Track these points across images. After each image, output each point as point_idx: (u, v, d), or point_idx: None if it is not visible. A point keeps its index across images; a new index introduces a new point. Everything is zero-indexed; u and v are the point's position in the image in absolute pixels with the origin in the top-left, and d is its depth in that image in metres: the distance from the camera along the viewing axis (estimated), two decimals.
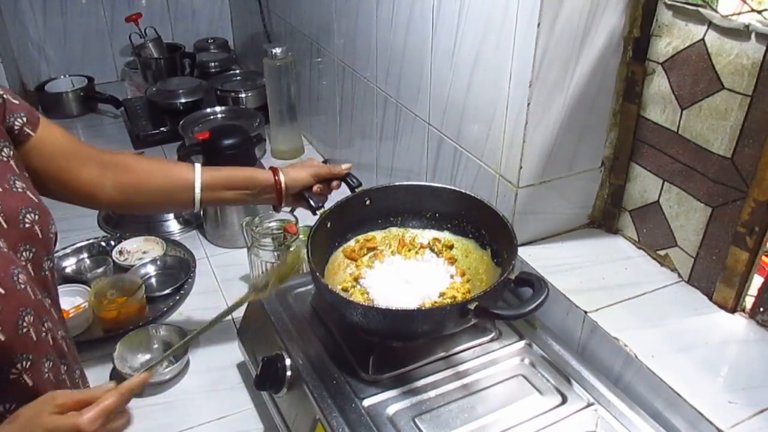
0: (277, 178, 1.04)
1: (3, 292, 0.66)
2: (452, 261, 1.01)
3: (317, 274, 0.90)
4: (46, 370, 0.72)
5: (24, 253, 0.73)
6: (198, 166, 1.01)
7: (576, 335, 0.95)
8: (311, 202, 1.06)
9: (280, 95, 1.77)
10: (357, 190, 1.05)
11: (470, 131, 1.10)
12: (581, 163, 1.04)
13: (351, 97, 1.57)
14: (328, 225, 0.99)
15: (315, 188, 1.08)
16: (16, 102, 0.82)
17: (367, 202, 1.05)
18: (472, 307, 0.80)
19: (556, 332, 0.96)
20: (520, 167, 0.99)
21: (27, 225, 0.73)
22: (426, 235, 1.06)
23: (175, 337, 1.16)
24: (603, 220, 1.10)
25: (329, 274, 0.99)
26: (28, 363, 0.69)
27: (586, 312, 0.92)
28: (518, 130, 0.97)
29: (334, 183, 1.09)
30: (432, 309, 0.81)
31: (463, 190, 1.02)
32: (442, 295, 0.95)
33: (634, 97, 0.98)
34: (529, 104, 0.93)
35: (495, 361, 0.91)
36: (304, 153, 1.91)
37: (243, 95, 2.03)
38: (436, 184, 1.05)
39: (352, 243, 1.05)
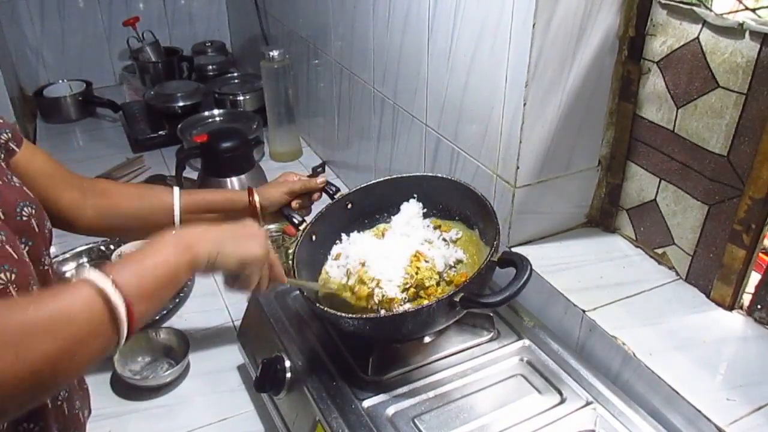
0: (251, 198, 1.05)
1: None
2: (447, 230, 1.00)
3: (304, 293, 0.90)
4: None
5: (22, 246, 0.73)
6: (177, 189, 1.02)
7: (574, 334, 0.95)
8: (293, 220, 1.07)
9: (278, 98, 1.77)
10: (336, 197, 1.05)
11: (467, 132, 1.10)
12: (578, 162, 1.04)
13: (348, 99, 1.57)
14: (313, 238, 0.99)
15: (294, 204, 1.09)
16: (1, 120, 0.84)
17: (349, 206, 1.05)
18: (458, 299, 0.80)
19: (554, 331, 0.96)
20: (517, 167, 0.99)
21: (24, 218, 0.74)
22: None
23: (176, 341, 1.16)
24: (600, 219, 1.11)
25: (323, 282, 0.99)
26: None
27: (584, 311, 0.92)
28: (515, 130, 0.97)
29: (315, 195, 1.11)
30: (419, 308, 0.81)
31: (441, 175, 1.02)
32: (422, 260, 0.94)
33: (630, 96, 0.98)
34: (525, 104, 0.94)
35: (494, 361, 0.91)
36: (302, 155, 1.91)
37: (241, 98, 2.03)
38: (413, 173, 1.05)
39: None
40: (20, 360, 0.52)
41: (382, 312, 0.88)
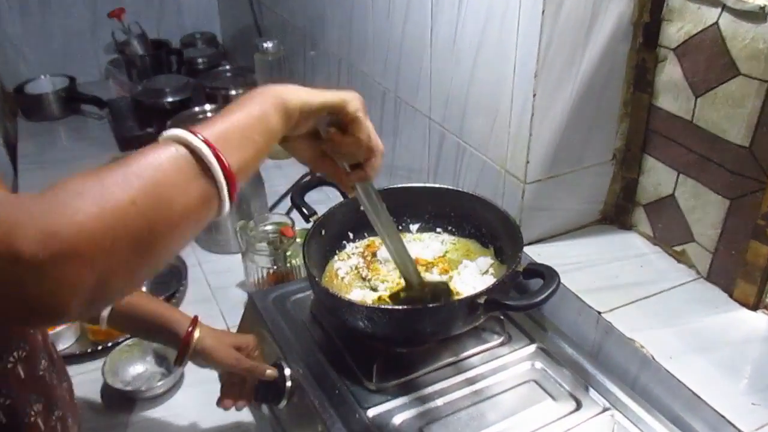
0: (190, 329, 0.95)
1: None
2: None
3: (315, 278, 0.90)
4: (41, 368, 0.72)
5: None
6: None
7: (589, 337, 0.95)
8: (303, 211, 1.04)
9: None
10: (350, 195, 1.06)
11: (473, 125, 1.11)
12: (591, 156, 1.04)
13: None
14: (323, 233, 1.01)
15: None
16: None
17: (362, 207, 1.05)
18: (481, 300, 0.81)
19: (568, 334, 0.97)
20: (527, 162, 0.99)
21: None
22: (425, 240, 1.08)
23: (169, 349, 1.16)
24: (616, 215, 1.11)
25: (326, 282, 1.00)
26: (24, 353, 0.69)
27: (599, 312, 0.93)
28: (524, 123, 0.97)
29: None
30: (440, 306, 0.82)
31: (460, 189, 1.04)
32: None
33: (645, 86, 0.98)
34: (534, 95, 0.94)
35: (505, 366, 0.91)
36: None
37: (233, 92, 2.03)
38: (431, 185, 1.08)
39: (348, 250, 1.06)
40: (103, 208, 0.47)
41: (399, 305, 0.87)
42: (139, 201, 0.50)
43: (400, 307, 0.86)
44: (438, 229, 1.09)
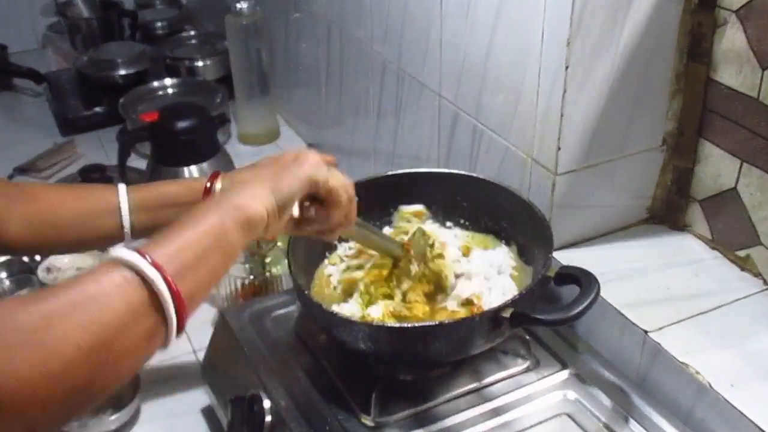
0: (211, 185, 0.97)
1: None
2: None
3: (303, 290, 0.92)
4: None
5: None
6: (122, 186, 1.00)
7: (634, 361, 0.96)
8: None
9: (248, 63, 1.78)
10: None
11: (493, 104, 1.12)
12: (636, 141, 1.05)
13: (339, 64, 1.58)
14: None
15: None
16: None
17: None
18: (507, 314, 0.82)
19: (607, 358, 0.98)
20: (558, 148, 1.00)
21: None
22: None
23: None
24: (666, 213, 1.12)
25: (316, 292, 1.02)
26: None
27: (646, 331, 0.93)
28: (554, 101, 0.98)
29: None
30: (457, 322, 0.83)
31: (473, 174, 1.05)
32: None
33: (701, 56, 0.99)
34: (567, 68, 0.95)
35: (531, 397, 0.92)
36: (280, 137, 1.92)
37: (200, 64, 2.04)
38: (437, 170, 1.09)
39: (341, 252, 1.08)
40: (47, 356, 0.54)
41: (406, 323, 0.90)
42: (84, 344, 0.56)
43: (410, 326, 0.87)
44: (448, 223, 1.10)
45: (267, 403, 0.93)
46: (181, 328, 0.63)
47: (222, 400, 1.05)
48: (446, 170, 1.10)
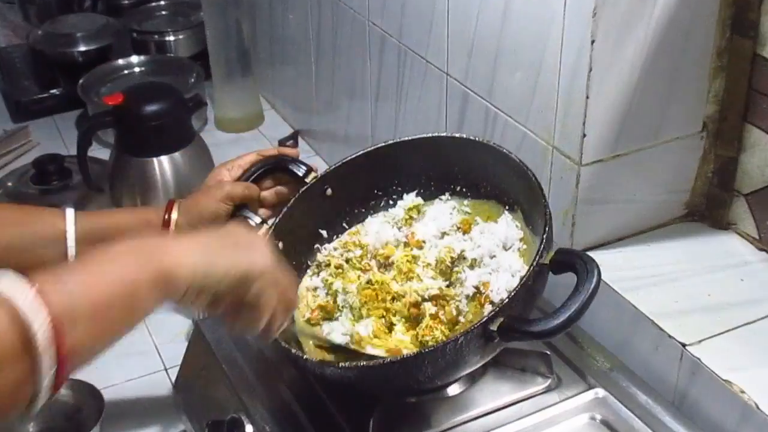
0: (167, 215, 1.05)
1: None
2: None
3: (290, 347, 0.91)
4: None
5: None
6: (70, 212, 1.02)
7: (671, 379, 0.96)
8: (250, 222, 1.09)
9: (227, 37, 1.78)
10: (308, 179, 1.07)
11: (508, 84, 1.11)
12: (672, 126, 1.05)
13: (332, 38, 1.58)
14: (280, 245, 1.01)
15: (266, 195, 1.13)
16: None
17: (328, 192, 1.07)
18: (494, 327, 0.81)
19: (640, 375, 0.97)
20: (583, 135, 1.00)
21: None
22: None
23: (83, 398, 1.16)
24: (707, 209, 1.11)
25: (298, 313, 1.00)
26: None
27: (684, 345, 0.93)
28: (579, 80, 0.98)
29: (280, 188, 1.14)
30: (437, 348, 0.82)
31: (460, 135, 1.05)
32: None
33: (747, 29, 0.99)
34: (593, 42, 0.94)
35: (553, 421, 0.92)
36: (264, 122, 1.92)
37: (171, 38, 2.04)
38: (417, 136, 1.07)
39: (321, 257, 1.07)
40: None
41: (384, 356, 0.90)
42: None
43: (387, 360, 0.87)
44: (443, 195, 1.08)
45: (249, 429, 0.93)
46: (56, 388, 0.58)
47: (197, 425, 1.05)
48: (425, 135, 1.08)
